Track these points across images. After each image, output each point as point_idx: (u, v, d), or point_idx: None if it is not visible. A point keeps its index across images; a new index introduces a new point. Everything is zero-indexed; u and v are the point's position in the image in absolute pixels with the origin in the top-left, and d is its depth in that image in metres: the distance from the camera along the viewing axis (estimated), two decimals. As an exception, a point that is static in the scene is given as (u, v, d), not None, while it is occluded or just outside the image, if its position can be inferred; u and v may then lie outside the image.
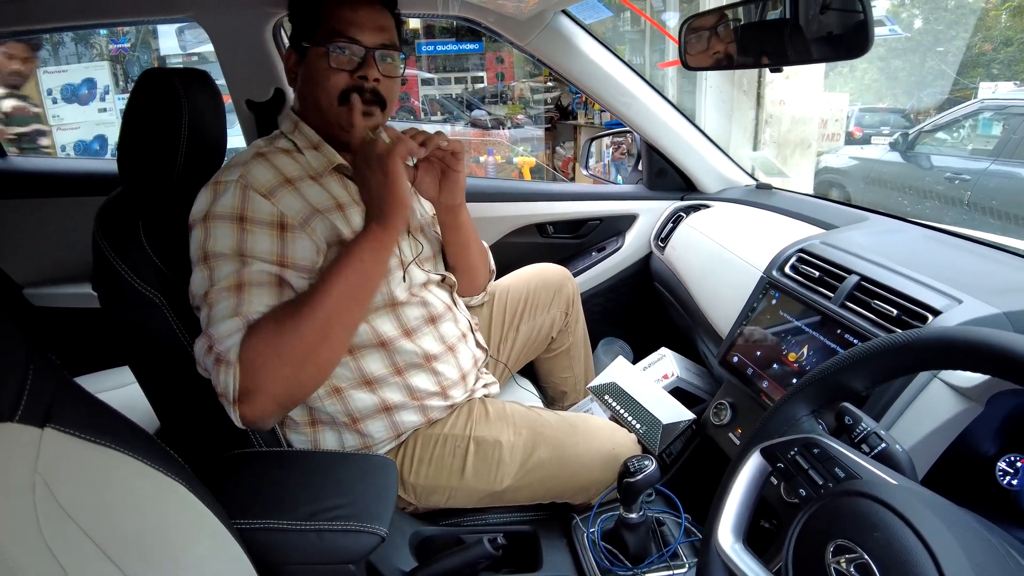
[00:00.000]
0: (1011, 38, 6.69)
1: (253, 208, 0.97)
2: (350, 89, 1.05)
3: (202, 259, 0.94)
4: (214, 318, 0.90)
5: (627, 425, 1.29)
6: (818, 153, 5.80)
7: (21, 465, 0.59)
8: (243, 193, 0.97)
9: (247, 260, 0.94)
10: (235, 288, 0.92)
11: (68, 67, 6.11)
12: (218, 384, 0.88)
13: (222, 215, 0.96)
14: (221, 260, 0.93)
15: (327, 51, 1.04)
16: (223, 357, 0.87)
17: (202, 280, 0.94)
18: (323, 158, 1.09)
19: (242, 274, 0.93)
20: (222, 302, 0.91)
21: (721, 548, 0.69)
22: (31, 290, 1.88)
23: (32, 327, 0.67)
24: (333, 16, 1.04)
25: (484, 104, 7.61)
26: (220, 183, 0.99)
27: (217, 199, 0.97)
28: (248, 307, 0.91)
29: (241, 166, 1.00)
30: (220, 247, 0.94)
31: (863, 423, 0.71)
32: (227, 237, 0.94)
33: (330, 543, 0.87)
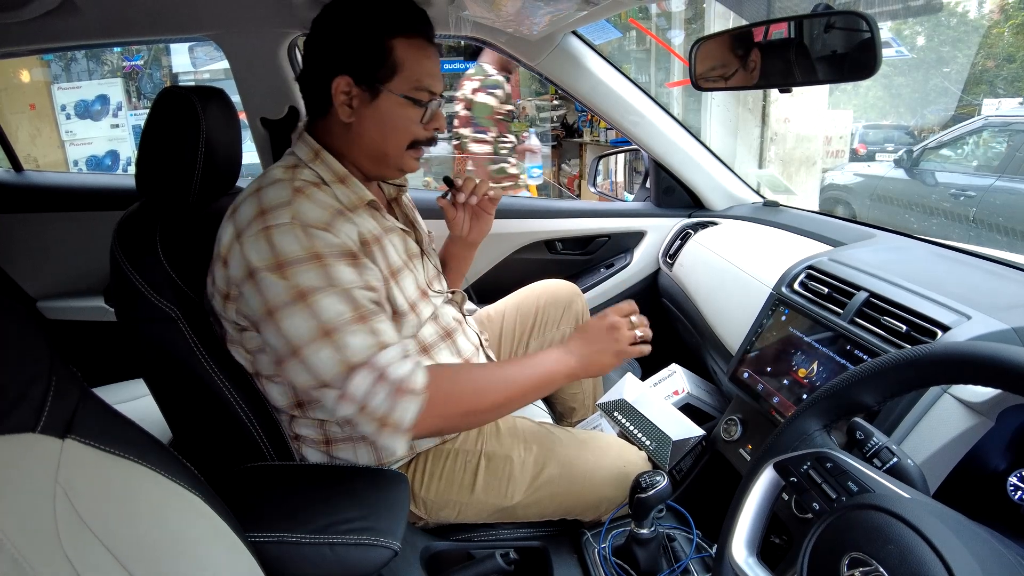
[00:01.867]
0: (1014, 55, 6.72)
1: (322, 244, 0.92)
2: (423, 140, 1.07)
3: (297, 299, 0.89)
4: (358, 352, 0.89)
5: (637, 442, 1.29)
6: (823, 170, 5.81)
7: (42, 475, 0.60)
8: (305, 232, 0.92)
9: (349, 292, 0.92)
10: (359, 320, 0.91)
11: (81, 83, 6.19)
12: (392, 413, 0.90)
13: (296, 259, 0.90)
14: (322, 295, 0.90)
15: (417, 106, 1.04)
16: (406, 386, 0.91)
17: (305, 320, 0.89)
18: (353, 194, 1.05)
19: (355, 306, 0.92)
20: (355, 336, 0.90)
21: (735, 562, 0.69)
22: (44, 303, 1.90)
23: (52, 340, 0.68)
24: (419, 67, 1.03)
25: (491, 122, 7.64)
26: (272, 227, 0.92)
27: (279, 244, 0.91)
28: (385, 336, 0.93)
29: (287, 207, 0.94)
30: (314, 283, 0.90)
31: (875, 438, 0.71)
32: (315, 277, 0.90)
33: (343, 557, 0.87)
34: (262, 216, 0.93)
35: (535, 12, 1.25)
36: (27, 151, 5.74)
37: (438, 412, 0.94)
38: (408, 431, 0.91)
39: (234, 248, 0.95)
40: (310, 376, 0.91)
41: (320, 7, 1.05)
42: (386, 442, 0.91)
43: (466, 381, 1.01)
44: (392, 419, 0.90)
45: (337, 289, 0.91)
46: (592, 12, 1.29)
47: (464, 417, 1.01)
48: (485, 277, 1.93)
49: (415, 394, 0.91)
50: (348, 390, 0.89)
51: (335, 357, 0.89)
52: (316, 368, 0.90)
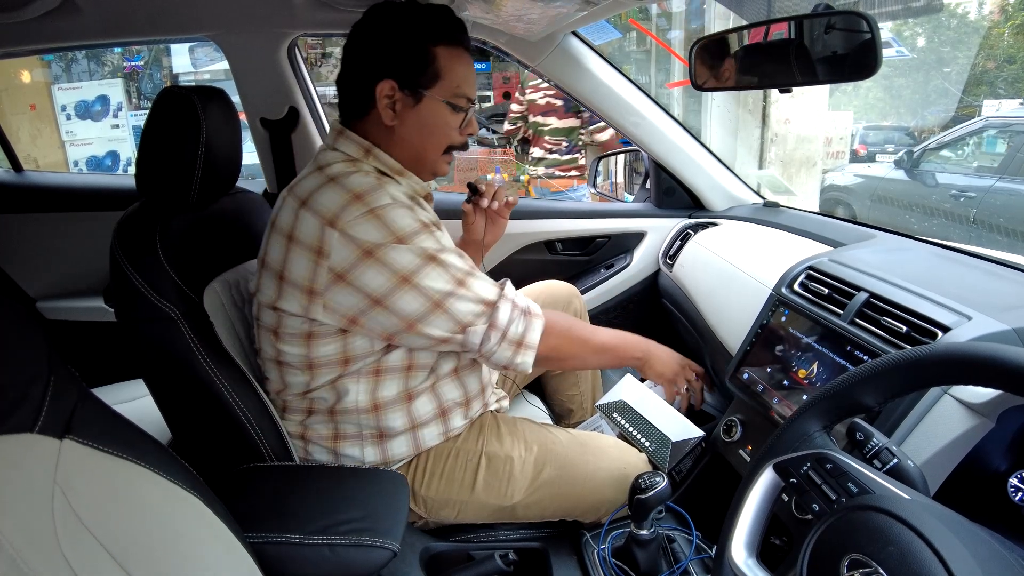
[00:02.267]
0: (1014, 56, 6.73)
1: (424, 217, 1.03)
2: (458, 145, 1.13)
3: (429, 260, 1.00)
4: (489, 292, 1.05)
5: (636, 443, 1.29)
6: (823, 171, 5.82)
7: (40, 475, 0.60)
8: (408, 210, 1.00)
9: (456, 253, 1.05)
10: (472, 271, 1.05)
11: (82, 84, 6.20)
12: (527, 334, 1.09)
13: (413, 231, 0.99)
14: (446, 254, 1.02)
15: (455, 110, 1.08)
16: (533, 311, 1.11)
17: (442, 276, 1.01)
18: (415, 185, 1.12)
19: (466, 259, 1.06)
20: (480, 280, 1.06)
21: (735, 564, 0.69)
22: (44, 303, 1.90)
23: (51, 340, 0.68)
24: (459, 75, 1.07)
25: (491, 123, 7.66)
26: (377, 208, 0.98)
27: (393, 222, 0.98)
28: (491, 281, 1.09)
29: (381, 189, 1.00)
30: (436, 246, 1.01)
31: (875, 439, 0.71)
32: (433, 241, 1.01)
33: (342, 557, 0.87)
34: (359, 200, 0.98)
35: (535, 12, 1.25)
36: (28, 151, 5.75)
37: (552, 335, 1.13)
38: (535, 348, 1.10)
39: (330, 236, 0.96)
40: (454, 323, 1.03)
41: (320, 7, 1.05)
42: (521, 360, 1.09)
43: (563, 320, 1.20)
44: (528, 338, 1.09)
45: (451, 250, 1.04)
46: (592, 12, 1.29)
47: (559, 350, 1.16)
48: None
49: (538, 316, 1.11)
50: (496, 319, 1.05)
51: (475, 298, 1.03)
52: (459, 313, 1.03)
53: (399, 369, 1.10)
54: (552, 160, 3.73)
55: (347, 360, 1.07)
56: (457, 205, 1.65)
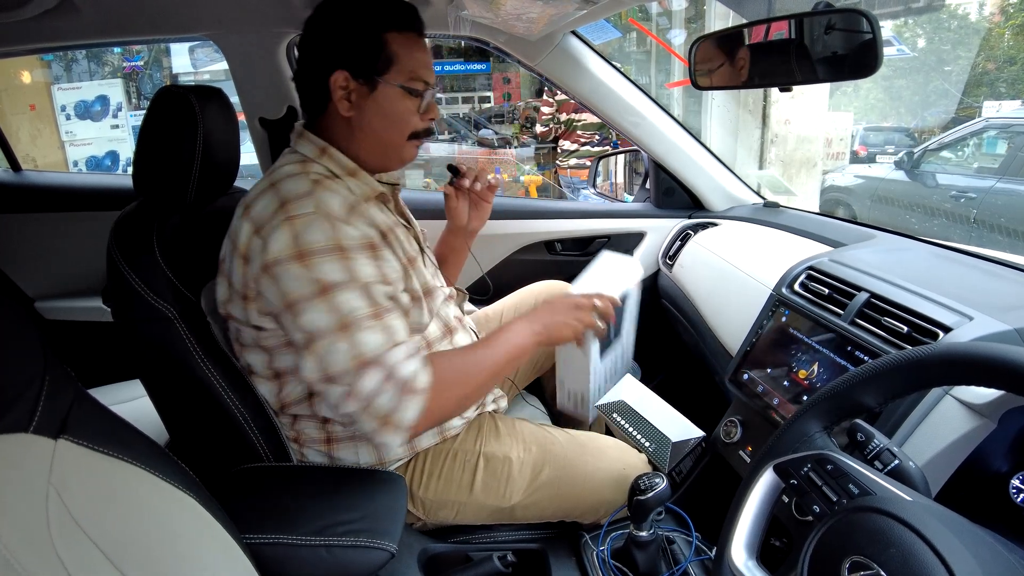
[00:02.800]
0: (1015, 57, 6.73)
1: (344, 236, 0.94)
2: (421, 131, 1.10)
3: (318, 293, 0.91)
4: (371, 348, 0.91)
5: (636, 443, 1.28)
6: (823, 172, 5.82)
7: (35, 475, 0.59)
8: (329, 223, 0.93)
9: (367, 287, 0.94)
10: (374, 316, 0.92)
11: (82, 84, 6.20)
12: (395, 412, 0.91)
13: (320, 249, 0.92)
14: (342, 290, 0.91)
15: (413, 96, 1.05)
16: (411, 386, 0.92)
17: (324, 314, 0.91)
18: (363, 186, 1.07)
19: (372, 302, 0.93)
20: (369, 332, 0.91)
21: (735, 565, 0.68)
22: (42, 303, 1.90)
23: (46, 340, 0.68)
24: (413, 58, 1.05)
25: (491, 123, 7.68)
26: (296, 217, 0.93)
27: (303, 234, 0.92)
28: (397, 334, 0.94)
29: (309, 197, 0.95)
30: (335, 277, 0.91)
31: (876, 439, 0.71)
32: (336, 270, 0.92)
33: (339, 559, 0.87)
34: (284, 207, 0.94)
35: (534, 11, 1.25)
36: (27, 151, 5.75)
37: (436, 406, 0.96)
38: (408, 430, 0.93)
39: (254, 243, 0.95)
40: (319, 369, 0.92)
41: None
42: (384, 439, 0.92)
43: (457, 370, 1.02)
44: (394, 418, 0.91)
45: (357, 284, 0.93)
46: (591, 12, 1.29)
47: (457, 405, 1.03)
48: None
49: (418, 393, 0.93)
50: (357, 387, 0.90)
51: (349, 352, 0.90)
52: (327, 361, 0.91)
53: None
54: (584, 152, 4.11)
55: None
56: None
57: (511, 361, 1.08)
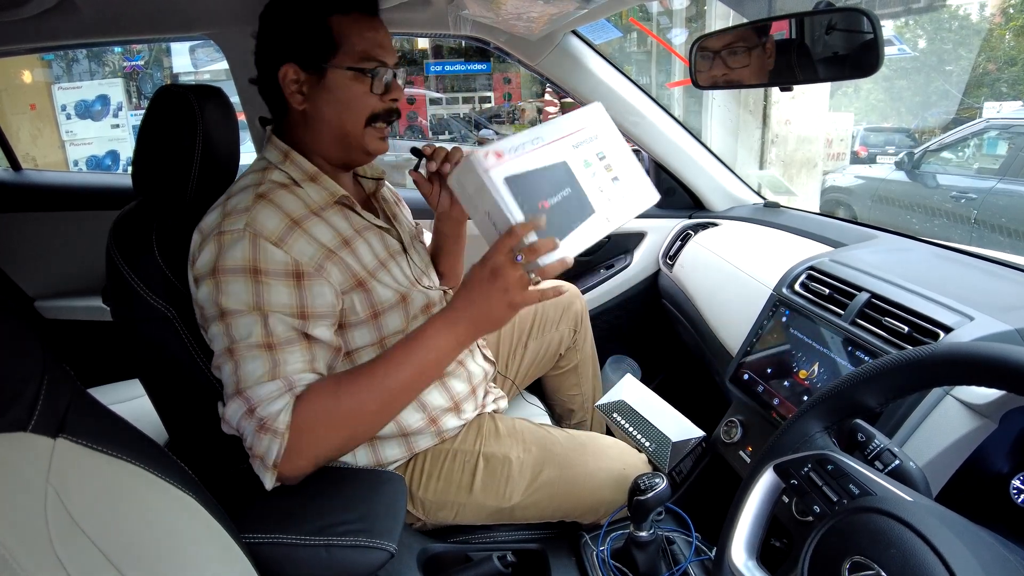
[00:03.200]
0: (1016, 58, 6.72)
1: (265, 259, 0.91)
2: (382, 113, 1.04)
3: (218, 316, 0.90)
4: (246, 378, 0.88)
5: (636, 443, 1.28)
6: (824, 172, 5.83)
7: (33, 474, 0.59)
8: (253, 243, 0.91)
9: (269, 316, 0.90)
10: (264, 347, 0.89)
11: (82, 83, 6.21)
12: (256, 448, 0.87)
13: (233, 268, 0.90)
14: (240, 317, 0.89)
15: (364, 76, 1.00)
16: (268, 425, 0.86)
17: (221, 336, 0.90)
18: (323, 191, 1.04)
19: (268, 331, 0.90)
20: (252, 362, 0.88)
21: (734, 565, 0.68)
22: (42, 302, 1.89)
23: (45, 339, 0.68)
24: (361, 38, 1.00)
25: (491, 123, 7.68)
26: (225, 233, 0.92)
27: (224, 251, 0.91)
28: (285, 368, 0.89)
29: (244, 213, 0.93)
30: (236, 303, 0.90)
31: (876, 440, 0.71)
32: (243, 292, 0.90)
33: (338, 558, 0.86)
34: (221, 222, 0.93)
35: (535, 11, 1.25)
36: (28, 151, 5.75)
37: (309, 450, 0.89)
38: (273, 468, 0.87)
39: (194, 253, 0.95)
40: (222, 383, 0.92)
41: None
42: (261, 474, 0.88)
43: (339, 407, 0.90)
44: (257, 452, 0.87)
45: (259, 310, 0.90)
46: (592, 11, 1.29)
47: (343, 441, 0.93)
48: None
49: (276, 434, 0.86)
50: (227, 413, 0.89)
51: (231, 377, 0.89)
52: (223, 379, 0.91)
53: None
54: None
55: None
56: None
57: (425, 376, 0.94)
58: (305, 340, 0.93)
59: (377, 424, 0.95)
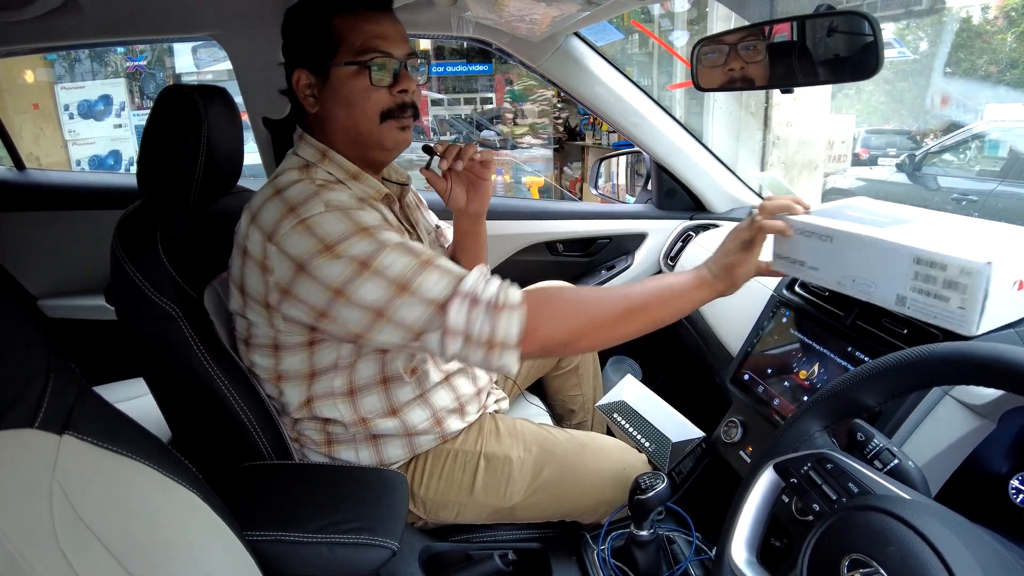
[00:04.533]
0: (1017, 60, 6.72)
1: (360, 220, 0.91)
2: (393, 107, 1.02)
3: (360, 270, 0.88)
4: (440, 290, 0.87)
5: (636, 443, 1.28)
6: (825, 174, 5.82)
7: (39, 471, 0.59)
8: (344, 214, 0.91)
9: (404, 245, 0.90)
10: (424, 263, 0.89)
11: (85, 83, 6.22)
12: (496, 333, 0.87)
13: (343, 236, 0.89)
14: (383, 254, 0.88)
15: (363, 69, 0.99)
16: (502, 302, 0.87)
17: (377, 285, 0.87)
18: (369, 189, 1.05)
19: (415, 253, 0.90)
20: (428, 279, 0.88)
21: (734, 564, 0.68)
22: (45, 301, 1.90)
23: (50, 337, 0.68)
24: (359, 32, 0.99)
25: (493, 124, 7.69)
26: (307, 218, 0.90)
27: (321, 231, 0.90)
28: (458, 269, 0.91)
29: (315, 197, 0.93)
30: (366, 249, 0.89)
31: (876, 439, 0.71)
32: (366, 245, 0.89)
33: (341, 556, 0.87)
34: (293, 212, 0.92)
35: (537, 13, 1.25)
36: (31, 150, 5.76)
37: (539, 323, 0.89)
38: (518, 346, 0.88)
39: (270, 251, 0.92)
40: (404, 331, 0.89)
41: None
42: (500, 363, 0.89)
43: (564, 291, 0.98)
44: (498, 338, 0.87)
45: (393, 247, 0.90)
46: (594, 13, 1.29)
47: (569, 326, 0.93)
48: None
49: (513, 307, 0.88)
50: (448, 325, 0.86)
51: (422, 302, 0.87)
52: (407, 321, 0.88)
53: (374, 384, 1.08)
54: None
55: (313, 374, 1.04)
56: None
57: (662, 300, 0.98)
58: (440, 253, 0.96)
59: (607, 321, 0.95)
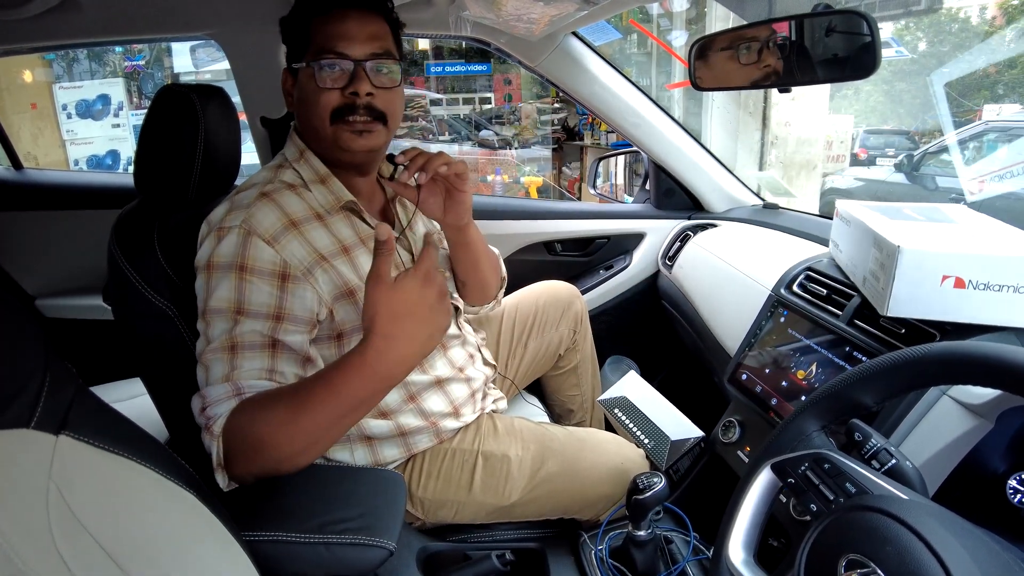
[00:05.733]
0: (1015, 60, 6.72)
1: (254, 256, 0.93)
2: (342, 107, 0.99)
3: (201, 314, 0.94)
4: (210, 378, 0.89)
5: (635, 440, 1.28)
6: (824, 174, 5.83)
7: (35, 472, 0.59)
8: (245, 240, 0.93)
9: (240, 318, 0.91)
10: (228, 349, 0.90)
11: (83, 83, 6.21)
12: (206, 446, 0.86)
13: (222, 264, 0.93)
14: (217, 317, 0.92)
15: (314, 70, 0.99)
16: (209, 426, 0.85)
17: (201, 336, 0.93)
18: (331, 195, 1.04)
19: (234, 334, 0.90)
20: (216, 364, 0.90)
21: (732, 564, 0.68)
22: (42, 301, 1.90)
23: (48, 336, 0.68)
24: (320, 32, 0.99)
25: (492, 124, 7.69)
26: (223, 228, 0.94)
27: (218, 245, 0.94)
28: (239, 372, 0.89)
29: (244, 210, 0.95)
30: (217, 302, 0.92)
31: (873, 439, 0.71)
32: (225, 289, 0.92)
33: (338, 556, 0.87)
34: (223, 217, 0.96)
35: (535, 12, 1.25)
36: (29, 150, 5.76)
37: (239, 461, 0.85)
38: (220, 467, 0.85)
39: (199, 246, 0.98)
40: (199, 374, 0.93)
41: None
42: (223, 484, 0.87)
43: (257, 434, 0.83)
44: (207, 452, 0.86)
45: (232, 311, 0.91)
46: (592, 12, 1.29)
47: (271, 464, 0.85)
48: None
49: (213, 436, 0.84)
50: (194, 410, 0.89)
51: (201, 376, 0.91)
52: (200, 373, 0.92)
53: None
54: None
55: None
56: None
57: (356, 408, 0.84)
58: (271, 347, 0.92)
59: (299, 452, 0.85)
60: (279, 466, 0.86)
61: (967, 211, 1.09)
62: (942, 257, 0.86)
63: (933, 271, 0.86)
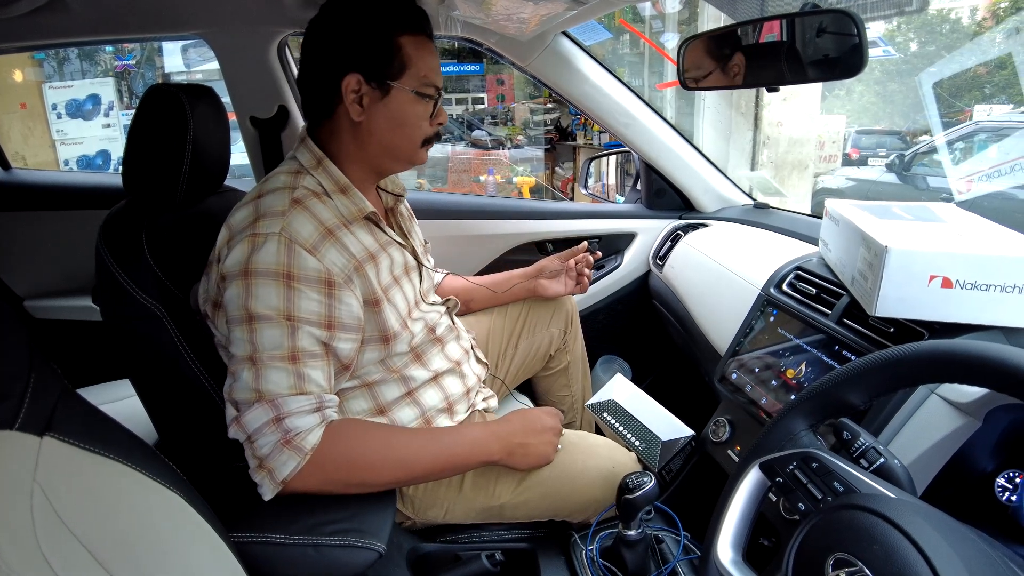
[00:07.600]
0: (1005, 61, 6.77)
1: (299, 265, 0.91)
2: (432, 136, 1.09)
3: (244, 320, 0.90)
4: (272, 388, 0.88)
5: (626, 442, 1.28)
6: (815, 174, 5.85)
7: (20, 473, 0.59)
8: (288, 249, 0.91)
9: (296, 325, 0.90)
10: (289, 359, 0.90)
11: (73, 83, 6.18)
12: (269, 459, 0.87)
13: (263, 271, 0.90)
14: (267, 324, 0.89)
15: (423, 100, 1.04)
16: (294, 441, 0.87)
17: (243, 342, 0.90)
18: (353, 206, 1.04)
19: (294, 342, 0.90)
20: (276, 372, 0.89)
21: (720, 563, 0.69)
22: (31, 302, 1.89)
23: (33, 337, 0.68)
24: (423, 62, 1.03)
25: (484, 125, 7.69)
26: (259, 235, 0.91)
27: (256, 252, 0.90)
28: (310, 384, 0.90)
29: (280, 217, 0.93)
30: (265, 308, 0.89)
31: (861, 438, 0.71)
32: (272, 296, 0.89)
33: (328, 558, 0.86)
34: (255, 223, 0.93)
35: (525, 12, 1.25)
36: (18, 150, 5.72)
37: (321, 476, 0.90)
38: (281, 484, 0.88)
39: (223, 251, 0.95)
40: (228, 387, 0.92)
41: (311, 5, 1.04)
42: (258, 480, 0.89)
43: (365, 453, 0.95)
44: (268, 465, 0.88)
45: (286, 320, 0.90)
46: (582, 12, 1.29)
47: (351, 487, 0.95)
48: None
49: (299, 451, 0.88)
50: (244, 418, 0.88)
51: (252, 382, 0.89)
52: (236, 383, 0.90)
53: (358, 387, 1.09)
54: None
55: None
56: (447, 205, 1.64)
57: (445, 468, 1.02)
58: (326, 355, 0.94)
59: (386, 481, 0.97)
60: (363, 486, 0.96)
61: (956, 210, 1.09)
62: (929, 257, 0.86)
63: (921, 271, 0.87)
